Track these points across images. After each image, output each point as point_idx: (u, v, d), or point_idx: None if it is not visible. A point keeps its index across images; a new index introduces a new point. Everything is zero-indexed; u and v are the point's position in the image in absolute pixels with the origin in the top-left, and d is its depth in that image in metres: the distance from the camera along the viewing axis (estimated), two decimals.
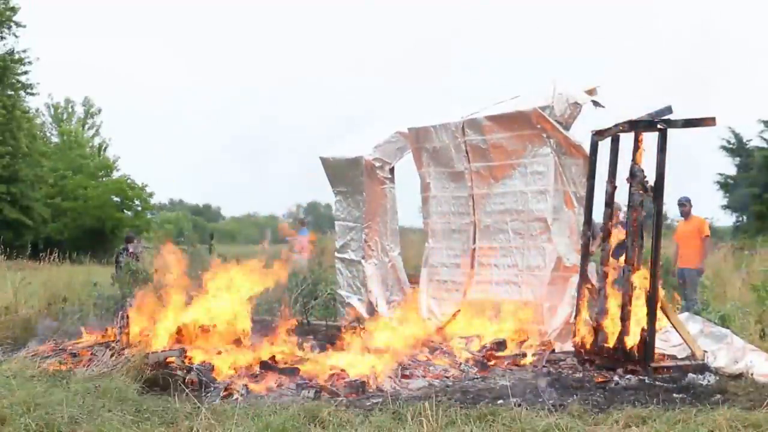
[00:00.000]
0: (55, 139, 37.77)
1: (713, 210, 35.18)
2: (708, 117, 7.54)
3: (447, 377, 7.46)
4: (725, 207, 34.26)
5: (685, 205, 11.48)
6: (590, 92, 9.16)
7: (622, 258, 7.75)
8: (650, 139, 7.57)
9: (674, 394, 6.47)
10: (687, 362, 7.50)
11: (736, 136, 34.21)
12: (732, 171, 34.67)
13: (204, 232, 37.49)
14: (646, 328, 7.32)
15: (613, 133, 8.07)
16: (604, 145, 8.28)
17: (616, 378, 7.15)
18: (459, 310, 9.78)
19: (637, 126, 7.66)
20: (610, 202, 8.17)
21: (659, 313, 7.47)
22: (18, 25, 29.83)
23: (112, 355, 7.32)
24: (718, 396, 6.35)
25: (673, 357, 7.88)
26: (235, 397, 6.49)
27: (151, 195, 35.29)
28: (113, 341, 7.81)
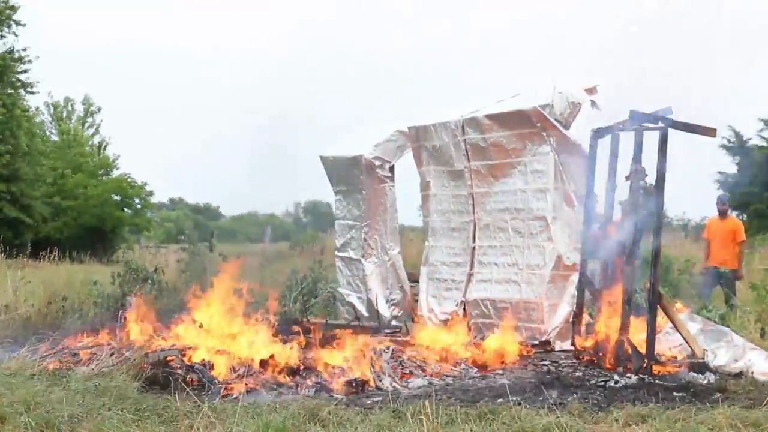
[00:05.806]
0: (54, 138, 37.68)
1: (712, 209, 34.98)
2: (709, 127, 7.52)
3: (447, 376, 7.46)
4: None
5: (725, 204, 11.77)
6: (590, 91, 9.16)
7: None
8: (650, 138, 7.57)
9: (674, 393, 6.47)
10: (687, 361, 7.50)
11: (737, 134, 34.18)
12: (732, 169, 34.63)
13: (204, 231, 37.46)
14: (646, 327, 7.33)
15: (613, 132, 8.06)
16: (605, 144, 8.28)
17: (615, 377, 7.15)
18: (456, 312, 9.77)
19: (637, 124, 7.65)
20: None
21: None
22: (18, 23, 29.80)
23: (111, 354, 7.32)
24: (718, 394, 6.35)
25: (673, 358, 7.88)
26: (235, 395, 6.49)
27: (151, 193, 35.21)
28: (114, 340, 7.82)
